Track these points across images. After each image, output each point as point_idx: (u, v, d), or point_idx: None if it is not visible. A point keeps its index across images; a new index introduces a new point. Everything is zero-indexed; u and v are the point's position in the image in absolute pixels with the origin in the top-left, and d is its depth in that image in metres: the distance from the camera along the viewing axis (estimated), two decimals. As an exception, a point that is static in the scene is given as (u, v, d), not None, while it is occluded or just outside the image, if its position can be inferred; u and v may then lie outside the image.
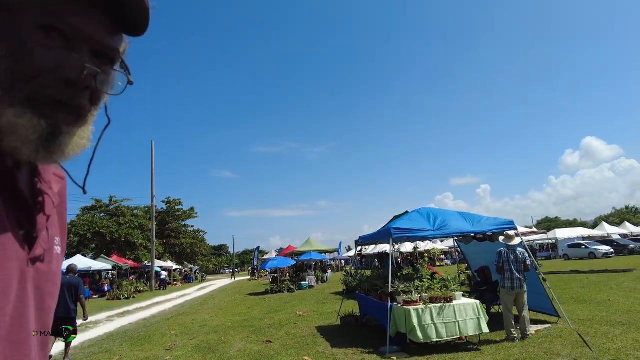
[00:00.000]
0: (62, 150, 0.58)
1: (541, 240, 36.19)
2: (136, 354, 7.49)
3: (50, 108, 0.56)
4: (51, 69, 0.55)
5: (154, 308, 16.41)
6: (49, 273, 0.65)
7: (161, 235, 43.82)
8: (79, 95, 0.58)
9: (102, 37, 0.60)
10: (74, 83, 0.57)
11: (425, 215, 7.46)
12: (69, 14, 0.56)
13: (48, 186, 0.66)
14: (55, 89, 0.56)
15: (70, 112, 0.59)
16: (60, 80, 0.56)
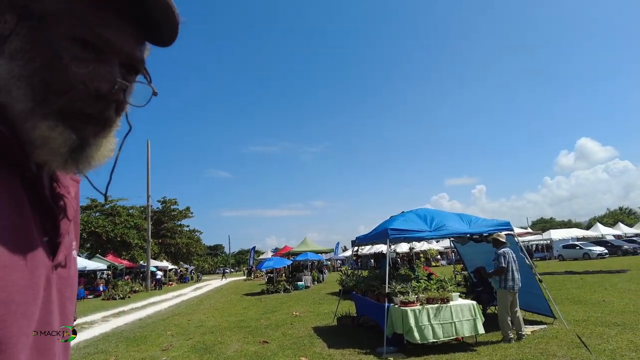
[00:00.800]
0: (89, 162, 0.59)
1: (536, 241, 36.37)
2: (132, 355, 7.45)
3: (80, 121, 0.56)
4: (84, 82, 0.55)
5: (150, 308, 16.34)
6: (69, 278, 0.65)
7: (157, 235, 43.67)
8: (109, 108, 0.59)
9: (131, 49, 0.60)
10: (105, 97, 0.57)
11: (422, 216, 7.49)
12: (102, 26, 0.56)
13: (67, 191, 0.67)
14: (86, 103, 0.56)
15: (98, 124, 0.59)
16: (92, 93, 0.56)
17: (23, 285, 0.50)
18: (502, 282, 6.72)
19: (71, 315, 0.66)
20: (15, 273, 0.49)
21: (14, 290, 0.48)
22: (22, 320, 0.50)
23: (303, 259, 25.28)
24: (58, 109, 0.54)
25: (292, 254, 26.13)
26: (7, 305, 0.47)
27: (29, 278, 0.52)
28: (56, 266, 0.60)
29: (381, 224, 8.34)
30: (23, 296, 0.50)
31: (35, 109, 0.53)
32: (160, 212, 46.71)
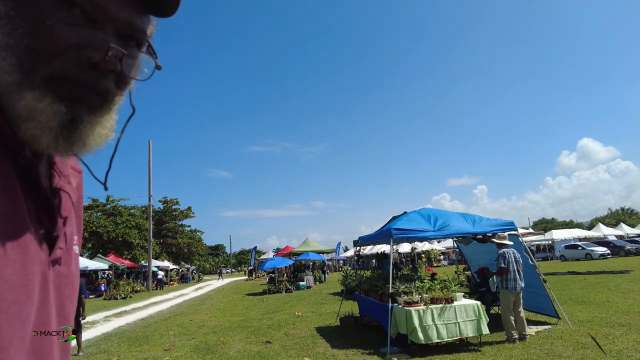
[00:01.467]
0: (83, 141, 0.53)
1: (538, 242, 36.32)
2: (135, 355, 7.43)
3: (72, 91, 0.51)
4: (73, 47, 0.49)
5: (152, 308, 16.32)
6: (68, 275, 0.60)
7: (158, 234, 43.66)
8: (104, 77, 0.53)
9: (128, 16, 0.54)
10: (99, 64, 0.51)
11: (426, 215, 7.45)
12: None
13: (67, 180, 0.62)
14: (77, 70, 0.50)
15: (94, 95, 0.53)
16: (82, 60, 0.50)
17: (15, 282, 0.45)
18: (503, 282, 6.70)
19: (71, 315, 0.61)
20: (6, 268, 0.44)
21: (5, 288, 0.44)
22: (14, 321, 0.45)
23: (305, 259, 25.27)
24: (46, 78, 0.49)
25: (294, 254, 26.13)
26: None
27: (22, 274, 0.47)
28: (53, 262, 0.55)
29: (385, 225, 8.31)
30: (15, 294, 0.45)
31: (23, 80, 0.48)
32: (162, 212, 46.69)
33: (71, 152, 0.53)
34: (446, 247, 37.96)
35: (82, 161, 0.63)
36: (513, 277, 6.62)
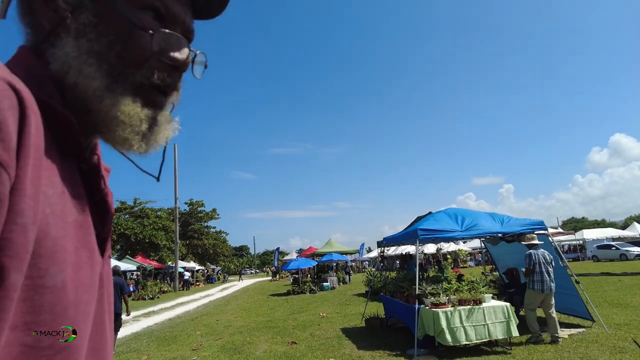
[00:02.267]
0: (157, 141, 0.56)
1: (568, 241, 35.16)
2: (163, 354, 7.57)
3: (155, 95, 0.54)
4: (158, 52, 0.52)
5: (179, 308, 16.63)
6: (109, 274, 0.61)
7: (184, 236, 44.49)
8: (179, 79, 0.56)
9: (189, 20, 0.58)
10: (181, 67, 0.54)
11: (453, 215, 7.31)
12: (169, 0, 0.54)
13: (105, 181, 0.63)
14: (163, 74, 0.53)
15: (163, 97, 0.56)
16: (167, 63, 0.53)
17: (87, 284, 0.47)
18: (529, 282, 6.69)
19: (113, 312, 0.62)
20: (81, 271, 0.46)
21: (81, 290, 0.45)
22: (87, 321, 0.47)
23: (328, 260, 25.24)
24: (136, 83, 0.51)
25: (317, 255, 26.14)
26: (77, 306, 0.44)
27: (91, 276, 0.48)
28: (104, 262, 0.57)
29: (410, 225, 8.21)
30: (87, 296, 0.47)
31: (112, 85, 0.50)
32: (188, 214, 47.56)
33: (146, 152, 0.56)
34: (472, 247, 37.22)
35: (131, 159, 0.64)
36: (540, 278, 6.53)
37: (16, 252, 0.36)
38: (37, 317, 0.39)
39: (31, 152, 0.39)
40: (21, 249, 0.37)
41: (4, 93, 0.37)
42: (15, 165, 0.37)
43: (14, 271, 0.36)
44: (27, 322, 0.39)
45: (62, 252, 0.42)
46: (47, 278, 0.40)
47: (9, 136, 0.36)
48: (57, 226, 0.42)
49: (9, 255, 0.35)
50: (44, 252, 0.40)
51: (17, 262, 0.36)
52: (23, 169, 0.38)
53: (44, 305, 0.40)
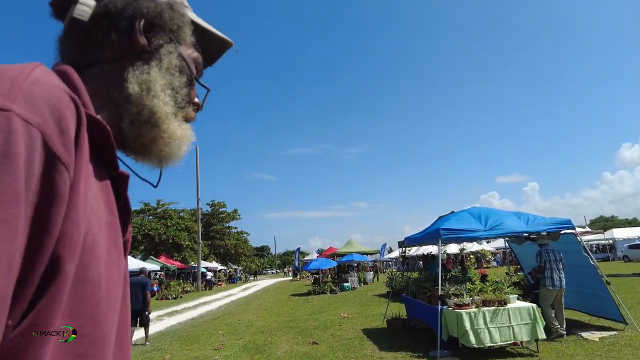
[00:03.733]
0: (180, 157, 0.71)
1: (596, 241, 34.08)
2: (186, 353, 7.67)
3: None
4: (193, 99, 0.73)
5: (201, 308, 16.84)
6: (126, 273, 0.66)
7: (206, 236, 45.08)
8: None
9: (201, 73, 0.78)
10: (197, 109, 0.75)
11: (476, 214, 7.15)
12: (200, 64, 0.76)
13: None
14: (192, 112, 0.73)
15: None
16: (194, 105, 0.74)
17: (116, 281, 0.53)
18: (542, 280, 6.86)
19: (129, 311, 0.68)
20: (112, 269, 0.52)
21: (111, 286, 0.51)
22: (114, 317, 0.52)
23: (348, 260, 25.15)
24: (184, 115, 0.70)
25: (338, 255, 26.07)
26: (108, 300, 0.50)
27: (119, 274, 0.54)
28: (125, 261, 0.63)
29: (432, 225, 8.08)
30: (116, 292, 0.53)
31: (177, 112, 0.67)
32: (210, 215, 48.18)
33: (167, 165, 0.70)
34: (496, 247, 36.48)
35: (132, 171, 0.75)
36: (550, 275, 6.74)
37: (71, 245, 0.42)
38: (79, 307, 0.45)
39: (84, 156, 0.46)
40: (75, 242, 0.43)
41: (67, 104, 0.44)
42: (74, 167, 0.43)
43: (69, 261, 0.42)
44: (72, 311, 0.44)
45: (98, 249, 0.48)
46: (88, 272, 0.46)
47: (71, 141, 0.43)
48: (95, 225, 0.48)
49: (65, 247, 0.42)
50: (87, 247, 0.45)
51: (71, 253, 0.42)
52: (78, 171, 0.44)
53: (84, 297, 0.45)
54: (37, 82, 0.43)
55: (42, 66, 0.48)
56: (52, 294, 0.41)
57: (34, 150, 0.39)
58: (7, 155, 0.37)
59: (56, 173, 0.41)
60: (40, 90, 0.43)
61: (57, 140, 0.41)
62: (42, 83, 0.44)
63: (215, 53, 0.82)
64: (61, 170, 0.41)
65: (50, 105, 0.42)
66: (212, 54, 0.81)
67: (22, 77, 0.42)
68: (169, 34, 0.68)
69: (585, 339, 6.44)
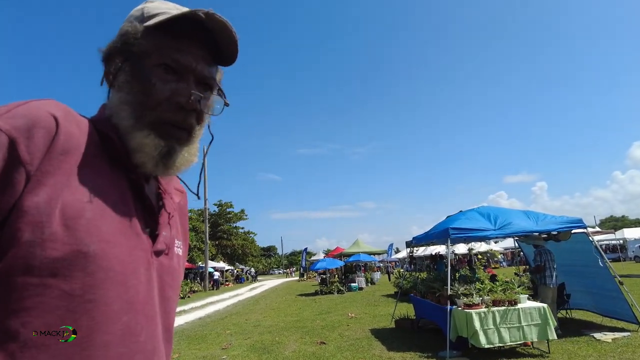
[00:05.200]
0: (176, 165, 0.74)
1: (607, 241, 33.66)
2: (194, 352, 7.67)
3: (168, 129, 0.71)
4: (167, 97, 0.70)
5: (209, 308, 16.87)
6: (170, 267, 0.78)
7: (214, 236, 45.24)
8: (189, 116, 0.73)
9: (202, 68, 0.75)
10: (184, 107, 0.71)
11: (485, 214, 7.06)
12: (178, 53, 0.72)
13: (169, 197, 0.83)
14: (170, 113, 0.71)
15: (183, 132, 0.74)
16: (174, 105, 0.71)
17: (122, 259, 0.64)
18: (542, 279, 7.11)
19: (171, 300, 0.78)
20: (116, 248, 0.63)
21: (113, 262, 0.62)
22: (119, 286, 0.62)
23: (355, 260, 25.09)
24: (150, 121, 0.70)
25: (344, 255, 26.01)
26: (106, 272, 0.61)
27: (128, 254, 0.65)
28: (156, 253, 0.73)
29: (439, 224, 8.00)
30: (121, 267, 0.63)
31: (135, 124, 0.69)
32: (217, 215, 48.34)
33: (167, 174, 0.75)
34: (504, 247, 36.21)
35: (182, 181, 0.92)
36: (550, 273, 7.02)
37: (28, 220, 0.55)
38: (71, 272, 0.57)
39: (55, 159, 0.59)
40: (32, 218, 0.56)
41: (43, 120, 0.59)
42: (37, 165, 0.57)
43: (25, 232, 0.55)
44: (63, 274, 0.56)
45: (95, 230, 0.61)
46: (81, 245, 0.58)
47: (35, 145, 0.57)
48: (93, 212, 0.61)
49: (23, 221, 0.55)
50: (79, 227, 0.59)
51: (28, 226, 0.55)
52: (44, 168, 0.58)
53: (77, 265, 0.58)
54: (25, 106, 0.60)
55: (49, 100, 0.64)
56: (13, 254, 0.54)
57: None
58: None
59: (13, 167, 0.55)
60: (23, 110, 0.59)
61: (22, 143, 0.56)
62: (28, 106, 0.60)
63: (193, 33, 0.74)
64: (18, 165, 0.56)
65: (26, 120, 0.58)
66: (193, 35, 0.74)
67: (18, 104, 0.60)
68: (121, 56, 0.73)
69: (597, 339, 6.33)
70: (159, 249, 0.74)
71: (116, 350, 0.61)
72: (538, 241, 7.40)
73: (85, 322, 0.58)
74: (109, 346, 0.60)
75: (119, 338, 0.62)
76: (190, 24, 0.72)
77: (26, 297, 0.54)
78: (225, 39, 0.76)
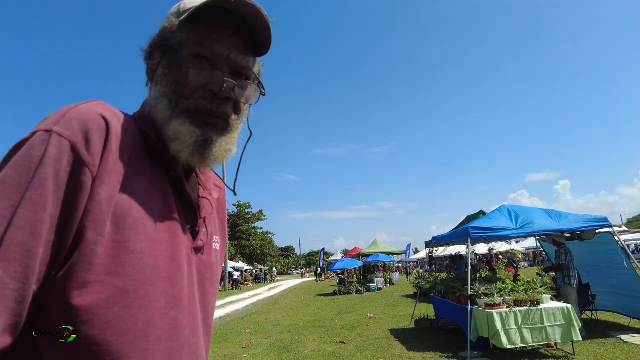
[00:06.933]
0: (214, 155, 0.73)
1: (634, 241, 32.66)
2: (215, 351, 7.78)
3: (203, 118, 0.72)
4: (201, 86, 0.71)
5: (229, 307, 17.06)
6: (209, 262, 0.81)
7: (233, 237, 45.75)
8: (224, 104, 0.74)
9: (235, 57, 0.75)
10: (217, 94, 0.72)
11: (506, 213, 6.96)
12: (212, 42, 0.73)
13: (209, 193, 0.85)
14: (205, 101, 0.72)
15: (219, 119, 0.74)
16: (207, 93, 0.72)
17: (167, 256, 0.67)
18: (566, 279, 6.91)
19: (210, 295, 0.81)
20: (160, 245, 0.66)
21: (159, 259, 0.65)
22: (165, 283, 0.66)
23: (374, 261, 24.99)
24: (185, 109, 0.71)
25: (363, 256, 25.94)
26: (153, 269, 0.64)
27: (172, 251, 0.68)
28: (196, 249, 0.76)
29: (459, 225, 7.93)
30: (166, 264, 0.66)
31: (172, 114, 0.71)
32: (236, 216, 48.86)
33: (205, 164, 0.74)
34: (526, 247, 35.49)
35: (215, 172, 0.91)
36: (574, 274, 6.85)
37: (93, 218, 0.58)
38: (123, 269, 0.60)
39: (111, 158, 0.62)
40: (97, 216, 0.58)
41: (95, 122, 0.62)
42: (98, 165, 0.60)
43: (90, 230, 0.58)
44: (116, 272, 0.59)
45: (142, 228, 0.63)
46: (129, 243, 0.61)
47: (95, 147, 0.60)
48: (139, 210, 0.64)
49: (88, 220, 0.58)
50: (127, 225, 0.62)
51: (92, 224, 0.58)
52: (103, 167, 0.61)
53: (128, 262, 0.60)
54: (77, 111, 0.62)
55: (94, 101, 0.67)
56: (79, 252, 0.57)
57: (62, 153, 0.58)
58: (42, 157, 0.56)
59: (79, 169, 0.58)
60: (76, 115, 0.61)
61: (83, 147, 0.59)
62: (80, 110, 0.62)
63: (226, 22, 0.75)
64: (83, 167, 0.59)
65: (80, 124, 0.60)
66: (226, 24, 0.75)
67: (68, 109, 0.62)
68: (159, 52, 0.76)
69: (625, 342, 6.18)
70: (199, 245, 0.76)
71: (166, 344, 0.64)
72: (560, 239, 7.24)
73: (141, 317, 0.61)
74: (160, 340, 0.63)
75: (167, 332, 0.65)
76: (222, 13, 0.73)
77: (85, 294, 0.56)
78: (258, 25, 0.76)
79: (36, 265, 0.54)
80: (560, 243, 7.28)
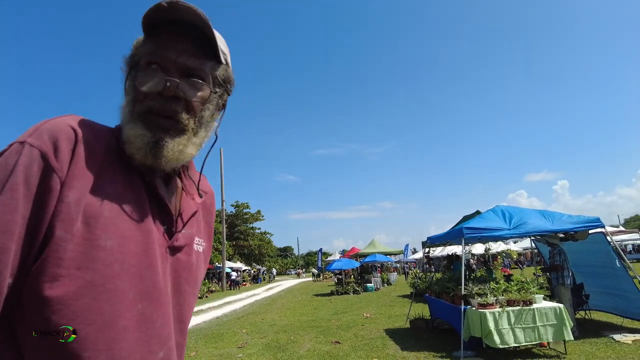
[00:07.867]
0: (167, 157, 0.75)
1: (631, 241, 32.77)
2: (211, 351, 7.81)
3: (153, 119, 0.75)
4: (150, 88, 0.75)
5: (226, 307, 17.07)
6: (187, 262, 0.84)
7: (231, 237, 45.71)
8: (170, 103, 0.76)
9: (185, 60, 0.78)
10: (162, 93, 0.75)
11: (500, 213, 7.00)
12: (161, 49, 0.77)
13: (191, 197, 0.89)
14: (153, 101, 0.75)
15: (168, 119, 0.76)
16: (155, 94, 0.75)
17: (137, 253, 0.71)
18: (559, 278, 6.99)
19: (187, 294, 0.84)
20: (131, 243, 0.71)
21: (129, 255, 0.70)
22: (134, 277, 0.70)
23: (371, 261, 25.02)
24: (139, 113, 0.76)
25: (361, 256, 25.99)
26: (122, 264, 0.68)
27: (144, 249, 0.73)
28: (172, 249, 0.80)
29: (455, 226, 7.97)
30: (136, 261, 0.71)
31: (129, 119, 0.76)
32: (234, 216, 48.84)
33: (159, 165, 0.76)
34: (523, 247, 35.55)
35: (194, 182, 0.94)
36: (568, 274, 6.93)
37: (62, 218, 0.64)
38: (92, 264, 0.65)
39: (79, 164, 0.68)
40: (65, 216, 0.64)
41: (64, 132, 0.68)
42: (66, 170, 0.66)
43: (59, 229, 0.63)
44: (85, 266, 0.64)
45: (113, 227, 0.68)
46: (99, 241, 0.66)
47: (62, 154, 0.66)
48: (111, 211, 0.69)
49: (57, 220, 0.64)
50: (98, 225, 0.67)
51: (62, 224, 0.64)
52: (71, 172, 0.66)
53: (97, 258, 0.66)
54: (50, 123, 0.69)
55: (68, 115, 0.74)
56: (49, 249, 0.63)
57: (33, 160, 0.64)
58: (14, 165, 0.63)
59: (48, 174, 0.64)
60: (47, 127, 0.68)
61: (52, 155, 0.65)
62: (52, 122, 0.69)
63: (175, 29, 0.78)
64: (52, 173, 0.64)
65: (50, 134, 0.67)
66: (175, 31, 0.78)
67: (42, 123, 0.70)
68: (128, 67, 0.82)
69: (617, 341, 6.22)
70: (174, 245, 0.81)
71: (133, 334, 0.69)
72: (554, 240, 7.30)
73: (108, 308, 0.66)
74: (127, 330, 0.68)
75: (135, 323, 0.69)
76: (174, 22, 0.77)
77: (56, 287, 0.62)
78: (200, 25, 0.78)
79: (9, 260, 0.60)
80: (554, 243, 7.33)
